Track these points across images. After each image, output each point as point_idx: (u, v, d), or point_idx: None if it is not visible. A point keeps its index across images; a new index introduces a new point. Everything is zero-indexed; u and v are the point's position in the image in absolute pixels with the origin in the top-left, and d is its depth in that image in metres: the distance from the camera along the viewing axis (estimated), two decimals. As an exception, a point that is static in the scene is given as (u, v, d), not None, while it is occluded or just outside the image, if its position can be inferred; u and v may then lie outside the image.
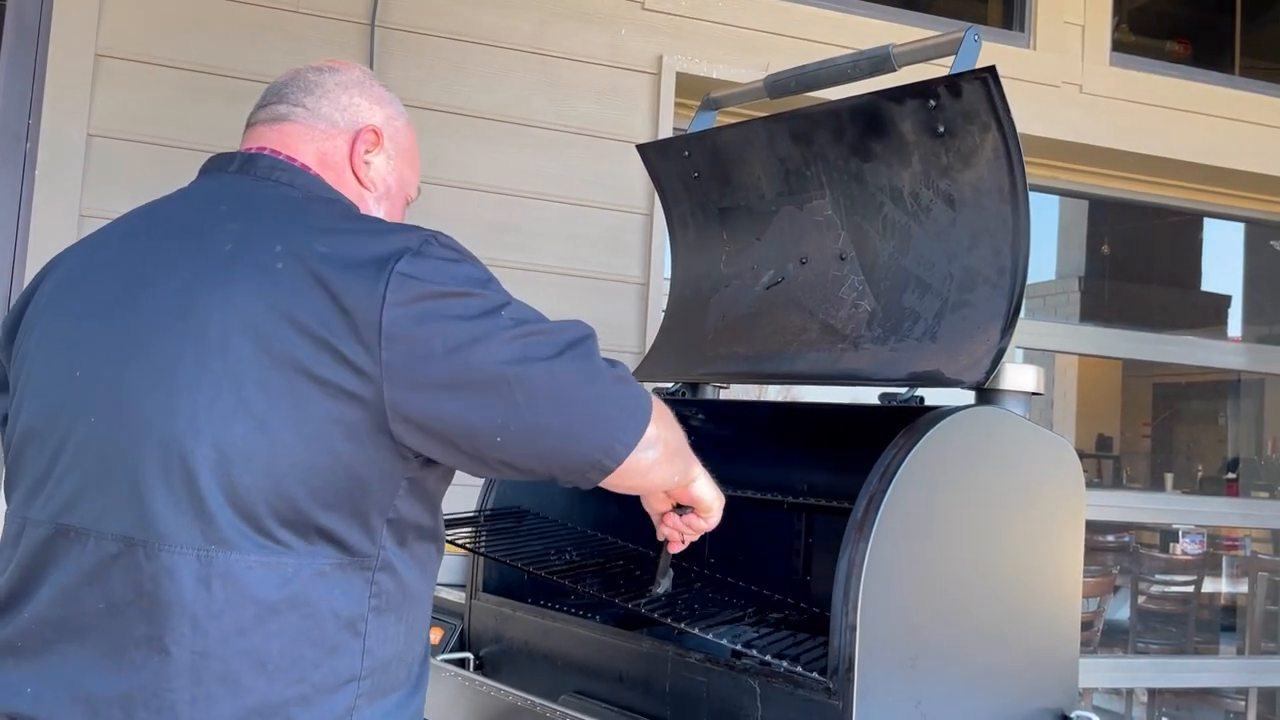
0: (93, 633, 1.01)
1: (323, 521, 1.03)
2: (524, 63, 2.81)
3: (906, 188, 1.65)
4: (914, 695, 1.30)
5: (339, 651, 1.04)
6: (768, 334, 1.82)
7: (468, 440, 1.05)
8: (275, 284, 1.03)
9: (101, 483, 1.03)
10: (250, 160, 1.19)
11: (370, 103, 1.26)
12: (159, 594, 0.99)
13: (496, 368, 1.03)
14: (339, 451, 1.02)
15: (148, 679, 0.99)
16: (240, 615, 1.00)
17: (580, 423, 1.07)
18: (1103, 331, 3.94)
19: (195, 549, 0.99)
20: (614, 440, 1.09)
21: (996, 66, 1.48)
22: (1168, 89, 3.42)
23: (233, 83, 2.56)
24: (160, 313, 1.06)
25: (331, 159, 1.22)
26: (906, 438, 1.33)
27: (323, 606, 1.03)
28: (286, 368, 1.01)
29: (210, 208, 1.14)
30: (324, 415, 1.01)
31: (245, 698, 1.00)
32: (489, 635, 1.75)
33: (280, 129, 1.21)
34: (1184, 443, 8.58)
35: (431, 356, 1.02)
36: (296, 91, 1.24)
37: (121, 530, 1.01)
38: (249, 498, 1.00)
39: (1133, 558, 5.33)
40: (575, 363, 1.07)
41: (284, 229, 1.08)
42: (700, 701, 1.39)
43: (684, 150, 1.94)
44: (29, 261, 2.44)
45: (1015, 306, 1.52)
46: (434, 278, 1.04)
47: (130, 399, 1.03)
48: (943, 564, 1.36)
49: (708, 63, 2.95)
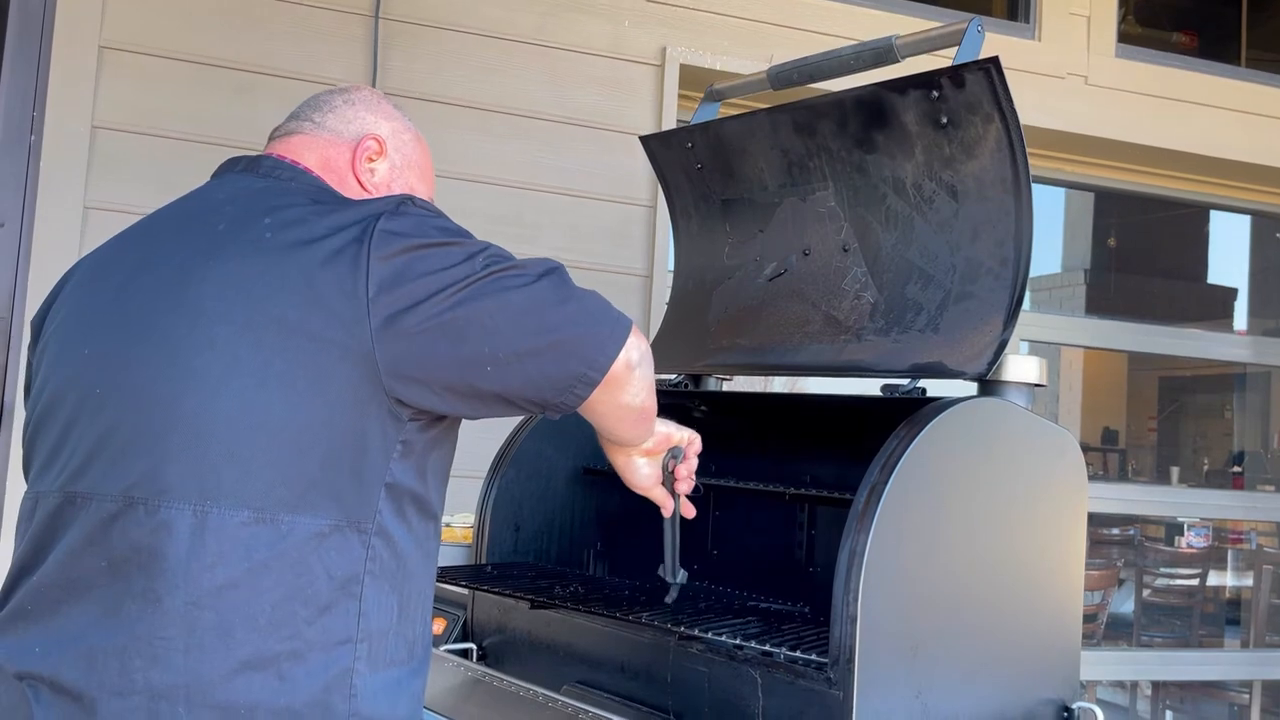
0: (95, 590, 1.04)
1: (318, 482, 1.06)
2: (527, 54, 2.81)
3: (909, 179, 1.65)
4: (915, 686, 1.30)
5: (332, 611, 1.06)
6: (770, 326, 1.82)
7: (460, 378, 1.09)
8: (265, 252, 1.08)
9: (105, 449, 1.07)
10: (255, 161, 1.24)
11: (376, 116, 1.32)
12: (156, 547, 1.02)
13: (479, 306, 1.07)
14: (333, 410, 1.06)
15: (143, 630, 1.02)
16: (233, 570, 1.02)
17: (563, 339, 1.12)
18: (1108, 324, 3.93)
19: (192, 505, 1.03)
20: (596, 351, 1.13)
21: (1000, 57, 1.47)
22: (1174, 81, 3.41)
23: (237, 74, 2.57)
24: (160, 290, 1.11)
25: (334, 163, 1.27)
26: (908, 428, 1.33)
27: (316, 566, 1.05)
28: (279, 329, 1.05)
29: (211, 200, 1.20)
30: (317, 373, 1.05)
31: (237, 649, 1.02)
32: (491, 626, 1.76)
33: (287, 141, 1.28)
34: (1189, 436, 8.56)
35: (418, 306, 1.06)
36: (308, 110, 1.31)
37: (121, 489, 1.05)
38: (244, 456, 1.03)
39: (1138, 551, 5.32)
40: (551, 287, 1.12)
41: (274, 207, 1.13)
42: (702, 691, 1.39)
43: (687, 141, 1.94)
44: (34, 254, 2.44)
45: (1018, 298, 1.51)
46: (413, 231, 1.08)
47: (131, 369, 1.08)
48: (944, 555, 1.36)
49: (711, 54, 2.94)
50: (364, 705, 1.08)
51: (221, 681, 1.01)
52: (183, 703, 1.01)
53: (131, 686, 1.01)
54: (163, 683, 1.01)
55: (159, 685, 1.01)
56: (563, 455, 1.89)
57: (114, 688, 1.01)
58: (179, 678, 1.01)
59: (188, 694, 1.01)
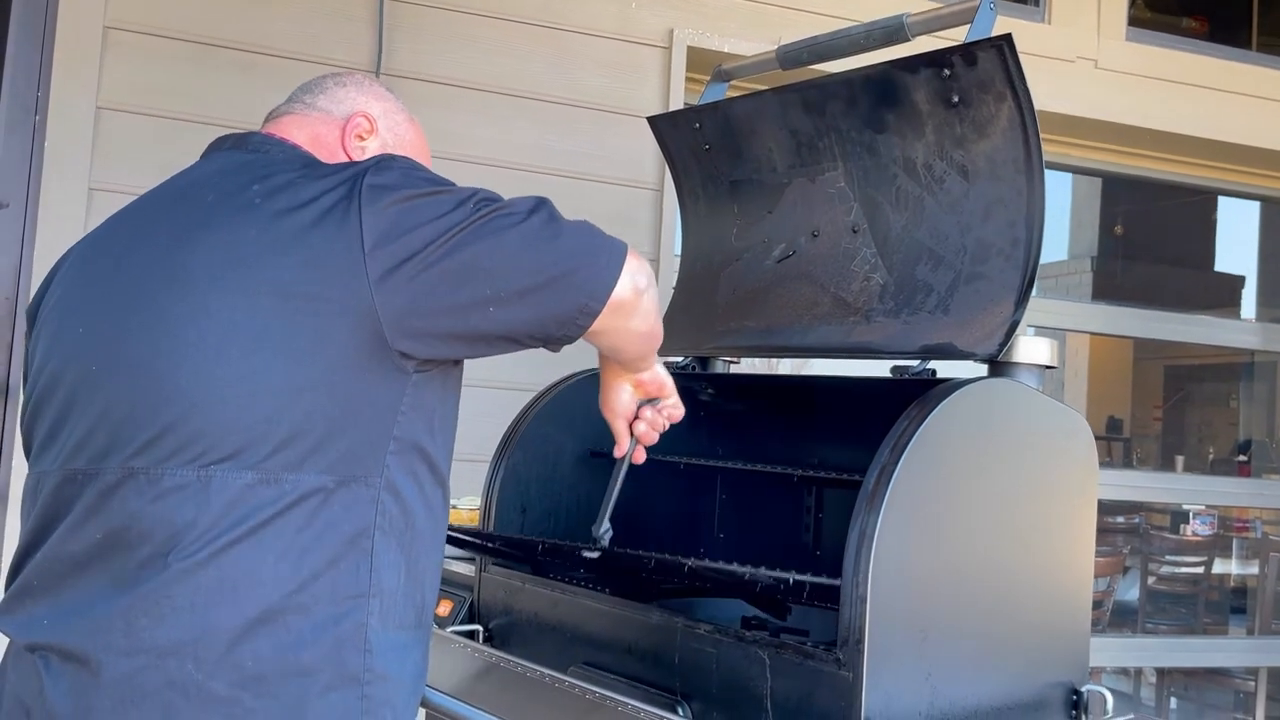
0: (99, 560, 1.05)
1: (323, 441, 1.06)
2: (533, 36, 2.79)
3: (920, 159, 1.64)
4: (924, 667, 1.30)
5: (340, 566, 1.07)
6: (779, 307, 1.81)
7: (463, 322, 1.10)
8: (255, 219, 1.08)
9: (104, 423, 1.07)
10: (243, 138, 1.24)
11: (367, 97, 1.32)
12: (160, 514, 1.03)
13: (476, 249, 1.08)
14: (335, 368, 1.06)
15: (148, 591, 1.02)
16: (238, 530, 1.02)
17: (561, 273, 1.12)
18: (1115, 310, 3.90)
19: (195, 470, 1.03)
20: (596, 282, 1.13)
21: (1012, 34, 1.46)
22: (1184, 65, 3.38)
23: (241, 55, 2.55)
24: (152, 264, 1.11)
25: (324, 140, 1.27)
26: (919, 409, 1.32)
27: (321, 522, 1.06)
28: (275, 292, 1.05)
29: (199, 175, 1.21)
30: (317, 333, 1.05)
31: (245, 606, 1.02)
32: (498, 607, 1.75)
33: (278, 121, 1.29)
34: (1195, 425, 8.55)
35: (415, 257, 1.06)
36: (300, 93, 1.32)
37: (121, 461, 1.05)
38: (245, 421, 1.03)
39: (1143, 538, 5.31)
40: (543, 223, 1.12)
41: (262, 176, 1.14)
42: (710, 673, 1.39)
43: (695, 122, 1.93)
44: (39, 234, 2.44)
45: (1029, 279, 1.50)
46: (401, 183, 1.09)
47: (126, 343, 1.08)
48: (954, 536, 1.35)
49: (719, 36, 2.92)
50: (378, 662, 1.09)
51: (230, 637, 1.02)
52: (191, 660, 1.01)
53: (139, 645, 1.01)
54: (170, 640, 1.01)
55: (166, 643, 1.01)
56: (569, 438, 1.89)
57: (121, 648, 1.01)
58: (186, 634, 1.01)
59: (196, 651, 1.01)
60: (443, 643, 1.66)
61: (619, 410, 1.42)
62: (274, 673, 1.02)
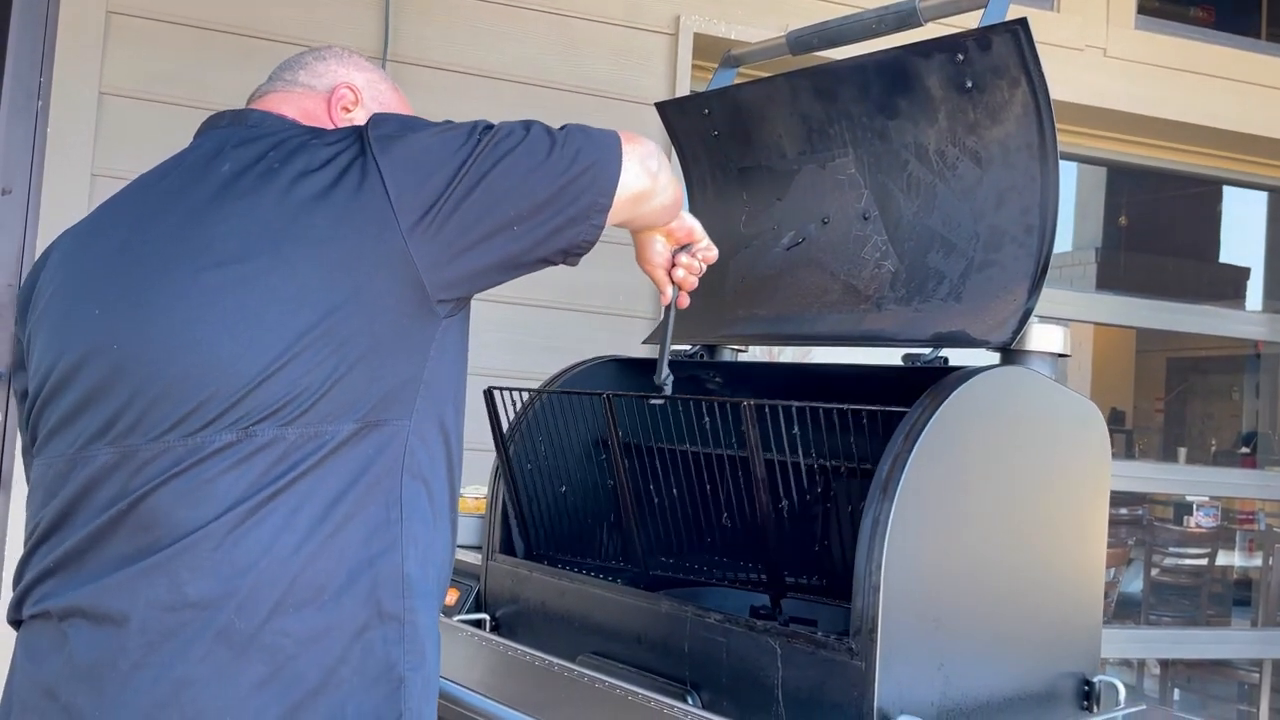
0: (134, 529, 1.05)
1: (363, 393, 1.08)
2: (539, 22, 2.77)
3: (932, 145, 1.62)
4: (937, 657, 1.29)
5: (371, 509, 1.09)
6: (788, 295, 1.79)
7: (494, 251, 1.13)
8: (277, 183, 1.10)
9: (136, 401, 1.06)
10: (240, 115, 1.25)
11: (348, 68, 1.34)
12: (204, 479, 1.03)
13: (493, 177, 1.12)
14: (374, 320, 1.08)
15: (192, 551, 1.03)
16: (278, 484, 1.04)
17: (571, 179, 1.16)
18: (1119, 300, 3.89)
19: (237, 432, 1.04)
20: (604, 179, 1.18)
21: (1028, 19, 1.44)
22: (1194, 53, 3.36)
23: (244, 40, 2.53)
24: (170, 239, 1.10)
25: (313, 114, 1.28)
26: (932, 397, 1.31)
27: (358, 468, 1.08)
28: (310, 251, 1.06)
29: (205, 150, 1.20)
30: (354, 287, 1.07)
31: (287, 556, 1.04)
32: (505, 596, 1.74)
33: (264, 99, 1.30)
34: (1198, 417, 8.53)
35: (440, 198, 1.09)
36: (281, 71, 1.33)
37: (160, 434, 1.05)
38: (289, 378, 1.05)
39: (1146, 530, 5.31)
40: (541, 136, 1.16)
41: (275, 144, 1.15)
42: (720, 662, 1.38)
43: (704, 108, 1.91)
44: (42, 220, 2.42)
45: (1043, 266, 1.49)
46: (404, 129, 1.13)
47: (154, 319, 1.07)
48: (967, 525, 1.34)
49: (726, 23, 2.90)
50: (418, 603, 1.12)
51: (275, 589, 1.03)
52: (234, 610, 1.02)
53: (183, 601, 1.02)
54: (215, 594, 1.02)
55: (211, 597, 1.02)
56: (576, 427, 1.87)
57: (165, 604, 1.02)
58: (231, 587, 1.02)
59: (240, 603, 1.02)
60: (449, 631, 1.65)
61: (656, 261, 1.47)
62: (314, 617, 1.05)
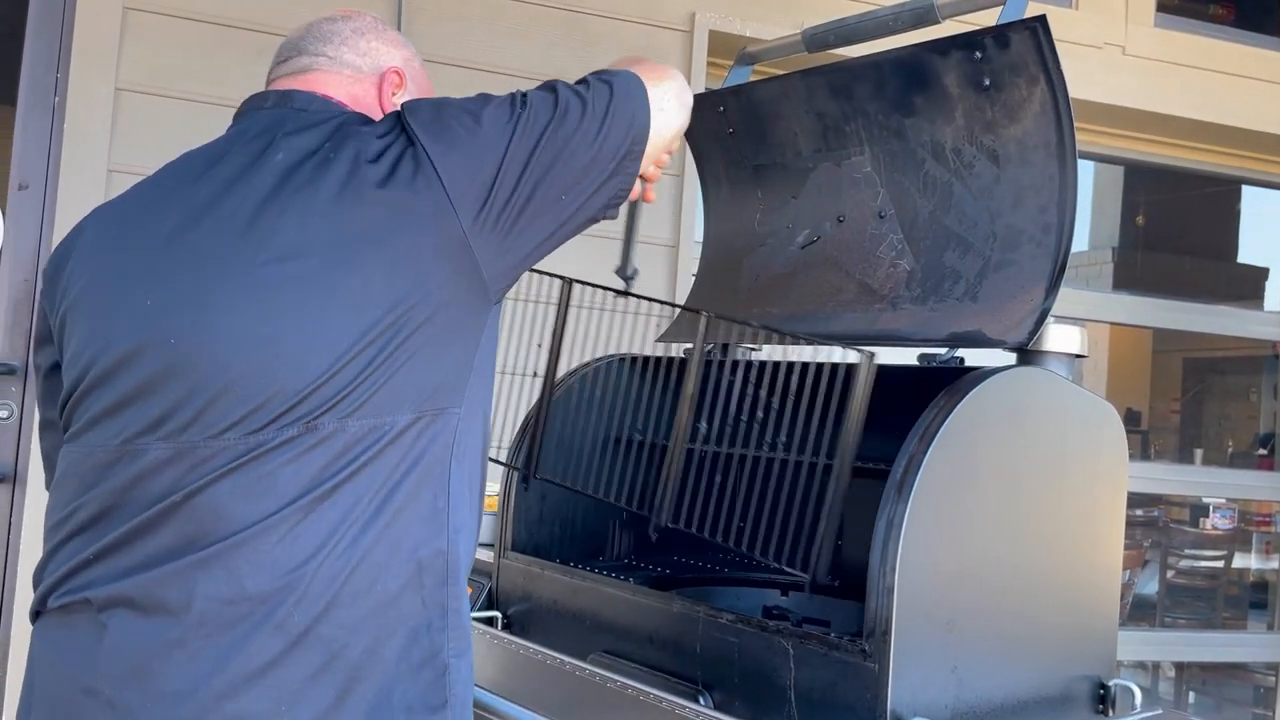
0: (184, 521, 1.04)
1: (423, 384, 1.09)
2: (554, 19, 2.77)
3: (949, 143, 1.61)
4: (950, 660, 1.28)
5: (422, 495, 1.10)
6: (803, 294, 1.78)
7: (545, 224, 1.15)
8: (334, 175, 1.08)
9: (196, 395, 1.05)
10: (286, 96, 1.22)
11: (389, 46, 1.31)
12: (265, 474, 1.03)
13: (537, 153, 1.12)
14: (436, 309, 1.09)
15: (249, 537, 1.02)
16: (339, 476, 1.05)
17: (606, 139, 1.17)
18: (1136, 300, 3.86)
19: (299, 427, 1.04)
20: (633, 129, 1.19)
21: (1047, 16, 1.43)
22: (1213, 52, 3.33)
23: (259, 36, 2.54)
24: (228, 230, 1.08)
25: (363, 101, 1.26)
26: (948, 398, 1.30)
27: (412, 455, 1.09)
28: (369, 246, 1.06)
29: (255, 135, 1.17)
30: (417, 279, 1.07)
31: (344, 547, 1.05)
32: (517, 594, 1.74)
33: (307, 78, 1.25)
34: (1214, 418, 8.46)
35: (495, 185, 1.10)
36: (315, 43, 1.28)
37: (222, 430, 1.04)
38: (352, 373, 1.05)
39: (1162, 532, 5.27)
40: (570, 99, 1.16)
41: (327, 134, 1.14)
42: (732, 663, 1.37)
43: (719, 105, 1.90)
44: (59, 216, 2.43)
45: (1061, 266, 1.47)
46: (443, 116, 1.12)
47: (214, 317, 1.06)
48: (982, 527, 1.33)
49: (741, 20, 2.89)
50: (460, 589, 1.14)
51: (331, 581, 1.04)
52: (293, 603, 1.03)
53: (242, 594, 1.02)
54: (274, 587, 1.02)
55: (270, 590, 1.02)
56: (590, 424, 1.87)
57: (224, 596, 1.02)
58: (291, 580, 1.02)
59: (299, 596, 1.03)
60: (461, 629, 1.65)
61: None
62: (367, 608, 1.06)
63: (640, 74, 1.23)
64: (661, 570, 1.82)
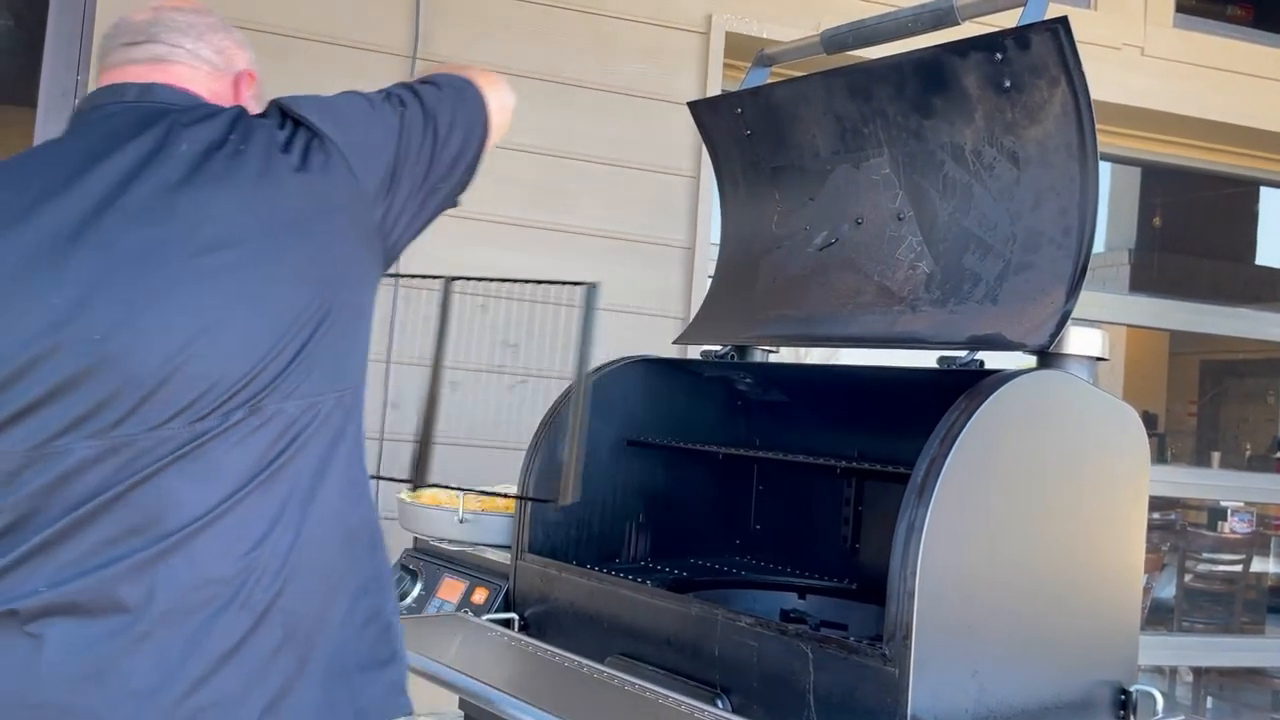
0: (120, 517, 1.05)
1: (347, 362, 1.17)
2: (570, 21, 2.77)
3: (968, 145, 1.60)
4: (971, 664, 1.27)
5: (335, 463, 1.15)
6: (821, 296, 1.78)
7: (427, 209, 1.26)
8: (248, 164, 1.12)
9: (125, 391, 1.04)
10: (149, 89, 1.20)
11: (239, 47, 1.34)
12: (210, 462, 1.06)
13: (419, 141, 1.23)
14: (354, 290, 1.17)
15: (200, 526, 1.05)
16: (284, 457, 1.10)
17: (466, 136, 1.30)
18: (1153, 302, 3.83)
19: (244, 413, 1.07)
20: (477, 127, 1.33)
21: (1068, 17, 1.42)
22: (1233, 52, 3.31)
23: (276, 39, 2.55)
24: (142, 223, 1.08)
25: (222, 97, 1.27)
26: (969, 401, 1.29)
27: (335, 430, 1.15)
28: (295, 231, 1.12)
29: (138, 127, 1.14)
30: (343, 262, 1.16)
31: (290, 521, 1.11)
32: (534, 596, 1.74)
33: (166, 68, 1.23)
34: (1231, 421, 8.40)
35: (389, 167, 1.19)
36: (169, 33, 1.26)
37: (159, 421, 1.05)
38: (287, 355, 1.09)
39: (1179, 536, 5.23)
40: (434, 95, 1.29)
41: (228, 124, 1.16)
42: (751, 666, 1.37)
43: (737, 107, 1.90)
44: (77, 218, 2.44)
45: (1081, 268, 1.47)
46: (337, 107, 1.20)
47: (143, 309, 1.05)
48: (1003, 531, 1.32)
49: (758, 22, 2.89)
50: (383, 553, 1.22)
51: (285, 553, 1.08)
52: (254, 581, 1.06)
53: (204, 578, 1.05)
54: (235, 567, 1.06)
55: (232, 570, 1.05)
56: (606, 426, 1.87)
57: (186, 584, 1.04)
58: (245, 559, 1.06)
59: (258, 574, 1.07)
60: (478, 630, 1.65)
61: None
62: (318, 578, 1.12)
63: (477, 81, 1.36)
64: (678, 573, 1.82)
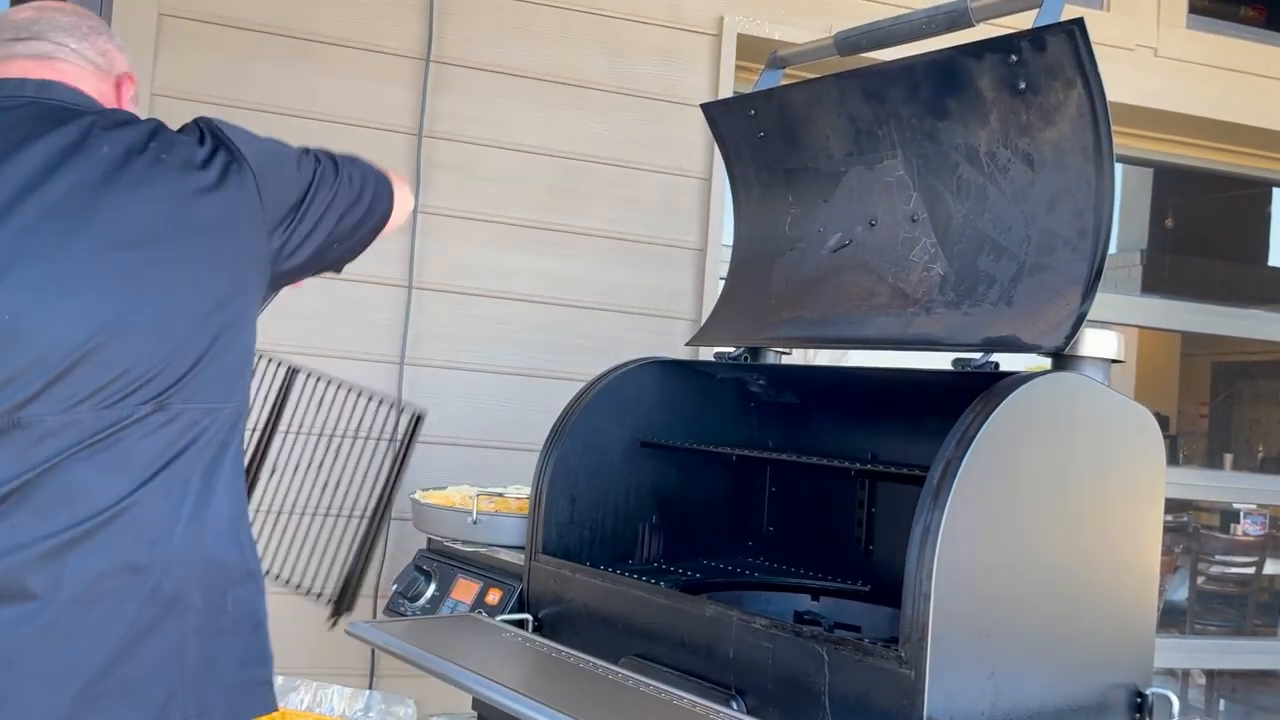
0: (26, 505, 1.08)
1: (238, 369, 1.23)
2: (583, 23, 2.77)
3: (983, 147, 1.60)
4: (987, 666, 1.27)
5: (223, 473, 1.22)
6: (834, 298, 1.78)
7: (314, 261, 1.35)
8: (169, 173, 1.19)
9: (36, 371, 1.09)
10: (47, 85, 1.25)
11: (118, 51, 1.38)
12: (121, 449, 1.11)
13: (330, 203, 1.34)
14: (247, 306, 1.25)
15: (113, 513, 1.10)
16: (193, 448, 1.17)
17: (366, 216, 1.42)
18: (1165, 304, 3.81)
19: (152, 404, 1.13)
20: (380, 214, 1.45)
21: (1084, 19, 1.42)
22: (1247, 53, 3.30)
23: (293, 42, 2.56)
24: (64, 214, 1.13)
25: (107, 98, 1.32)
26: (984, 403, 1.29)
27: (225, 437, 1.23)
28: (207, 239, 1.19)
29: (48, 122, 1.19)
30: (243, 275, 1.23)
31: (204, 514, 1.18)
32: (548, 597, 1.74)
33: (54, 65, 1.28)
34: (1244, 423, 8.37)
35: (292, 206, 1.29)
36: (54, 31, 1.31)
37: (69, 404, 1.09)
38: (191, 353, 1.16)
39: (1192, 538, 5.22)
40: (353, 176, 1.40)
41: (148, 134, 1.21)
42: (765, 668, 1.37)
43: (750, 109, 1.90)
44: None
45: (1097, 270, 1.46)
46: (255, 137, 1.29)
47: (58, 293, 1.10)
48: (1018, 533, 1.32)
49: (770, 24, 2.89)
50: (255, 554, 1.29)
51: (186, 545, 1.14)
52: (161, 571, 1.12)
53: (115, 566, 1.09)
54: (145, 556, 1.11)
55: (142, 559, 1.11)
56: (619, 428, 1.87)
57: (97, 571, 1.08)
58: (153, 549, 1.12)
59: (165, 565, 1.12)
60: (492, 631, 1.65)
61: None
62: (212, 573, 1.18)
63: (389, 175, 1.48)
64: (691, 574, 1.82)
